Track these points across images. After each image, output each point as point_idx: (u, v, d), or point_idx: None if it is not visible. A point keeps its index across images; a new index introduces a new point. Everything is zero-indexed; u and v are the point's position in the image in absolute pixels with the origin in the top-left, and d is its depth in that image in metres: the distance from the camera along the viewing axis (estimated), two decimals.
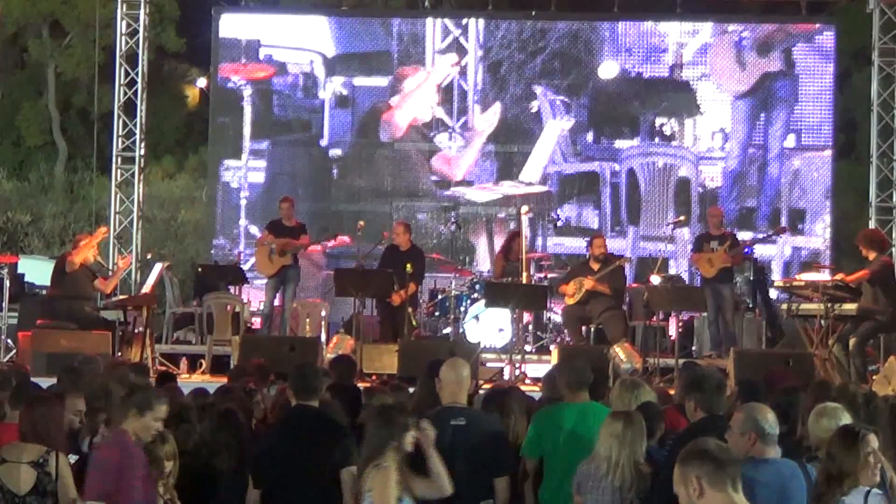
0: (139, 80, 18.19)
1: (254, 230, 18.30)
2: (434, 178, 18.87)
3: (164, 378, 9.64)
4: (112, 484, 6.04)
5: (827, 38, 18.69)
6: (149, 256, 19.34)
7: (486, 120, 18.90)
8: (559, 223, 18.28)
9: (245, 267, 17.13)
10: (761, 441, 5.68)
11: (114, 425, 6.38)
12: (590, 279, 14.52)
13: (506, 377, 13.40)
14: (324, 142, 19.09)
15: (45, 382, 8.65)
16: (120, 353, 13.24)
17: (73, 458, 6.52)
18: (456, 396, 6.90)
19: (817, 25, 18.79)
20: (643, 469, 6.34)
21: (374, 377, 12.79)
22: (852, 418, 6.11)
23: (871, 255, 13.14)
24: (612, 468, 6.27)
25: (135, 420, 6.21)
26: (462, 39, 19.01)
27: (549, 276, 16.27)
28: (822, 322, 13.02)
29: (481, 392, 9.33)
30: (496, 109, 18.90)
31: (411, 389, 8.75)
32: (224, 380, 10.39)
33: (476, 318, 15.37)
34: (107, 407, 6.98)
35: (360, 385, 9.76)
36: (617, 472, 6.27)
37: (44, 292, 15.68)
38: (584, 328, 14.89)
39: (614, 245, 17.25)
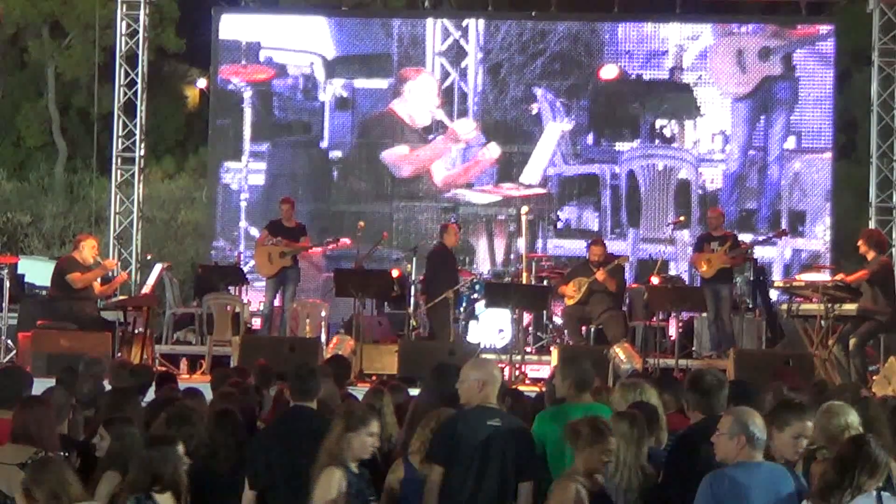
0: (139, 80, 18.17)
1: (254, 232, 18.27)
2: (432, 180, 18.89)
3: (164, 379, 9.62)
4: None
5: (828, 45, 18.70)
6: (149, 257, 19.34)
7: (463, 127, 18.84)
8: (559, 225, 18.28)
9: (245, 268, 17.12)
10: (749, 445, 5.59)
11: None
12: (601, 271, 14.55)
13: (506, 378, 13.38)
14: (324, 144, 19.08)
15: (46, 383, 8.63)
16: (120, 354, 13.24)
17: None
18: (489, 396, 6.66)
19: (818, 31, 18.79)
20: (647, 469, 6.33)
21: (374, 377, 12.79)
22: (859, 418, 6.08)
23: (871, 255, 13.16)
24: (620, 468, 6.25)
25: None
26: (462, 41, 18.99)
27: (549, 276, 16.27)
28: (822, 322, 13.03)
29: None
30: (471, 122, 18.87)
31: (411, 390, 8.74)
32: None
33: (476, 318, 15.38)
34: None
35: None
36: (624, 472, 6.25)
37: (44, 293, 15.68)
38: (584, 329, 14.90)
39: (614, 247, 17.24)
